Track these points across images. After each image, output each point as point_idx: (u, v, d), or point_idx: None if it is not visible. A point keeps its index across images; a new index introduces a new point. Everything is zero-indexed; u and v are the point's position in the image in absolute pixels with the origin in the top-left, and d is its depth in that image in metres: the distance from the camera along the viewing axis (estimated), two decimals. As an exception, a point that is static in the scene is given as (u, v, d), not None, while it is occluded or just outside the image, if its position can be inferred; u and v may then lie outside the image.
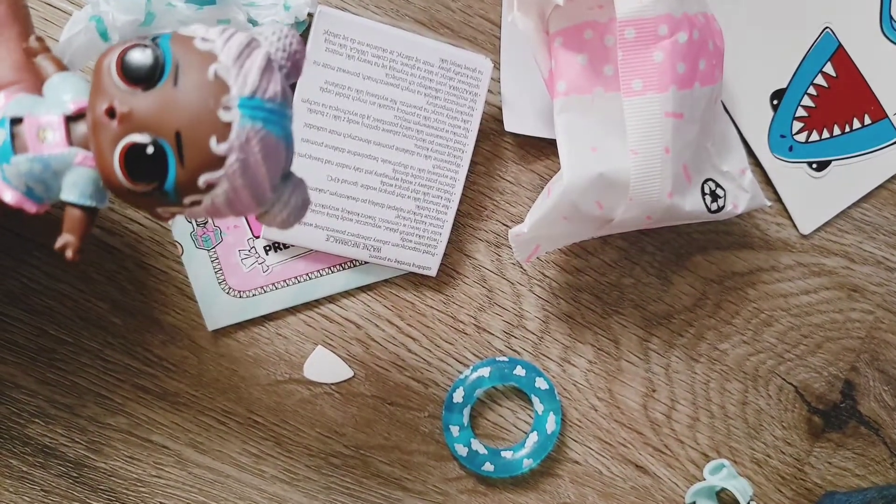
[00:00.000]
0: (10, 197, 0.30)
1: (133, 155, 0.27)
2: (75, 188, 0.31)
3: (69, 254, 0.31)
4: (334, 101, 0.42)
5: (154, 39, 0.27)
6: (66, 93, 0.30)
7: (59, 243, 0.31)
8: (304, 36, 0.41)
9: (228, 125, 0.26)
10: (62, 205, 0.30)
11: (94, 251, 0.44)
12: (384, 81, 0.42)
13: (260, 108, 0.27)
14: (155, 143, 0.27)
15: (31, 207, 0.31)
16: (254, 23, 0.40)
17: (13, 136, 0.29)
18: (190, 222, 0.43)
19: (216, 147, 0.27)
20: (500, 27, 0.46)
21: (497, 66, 0.46)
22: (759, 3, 0.48)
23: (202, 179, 0.27)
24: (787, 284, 0.49)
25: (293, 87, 0.31)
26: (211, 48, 0.27)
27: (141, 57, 0.27)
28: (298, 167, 0.41)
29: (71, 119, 0.29)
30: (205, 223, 0.43)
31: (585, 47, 0.41)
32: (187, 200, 0.28)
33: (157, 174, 0.28)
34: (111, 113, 0.27)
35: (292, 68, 0.30)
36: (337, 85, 0.42)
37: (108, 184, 0.28)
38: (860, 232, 0.50)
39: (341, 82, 0.42)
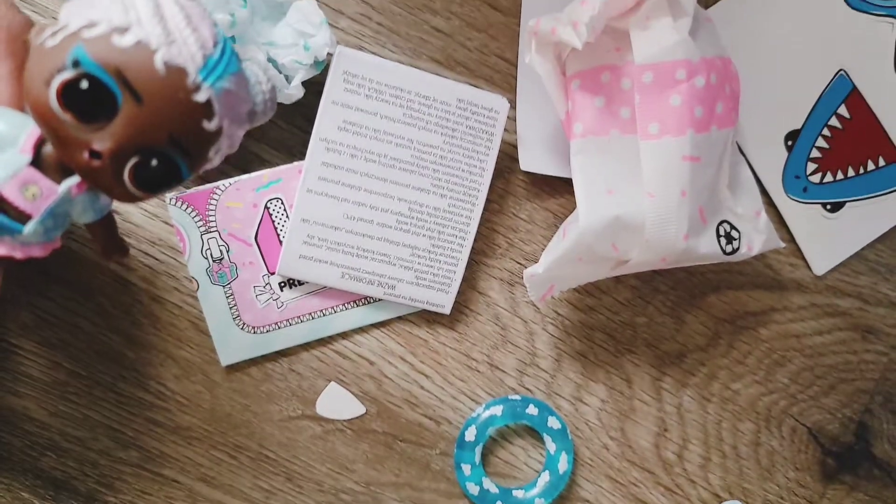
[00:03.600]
0: (21, 253, 0.30)
1: (142, 173, 0.28)
2: (88, 213, 0.32)
3: (124, 257, 0.36)
4: (352, 140, 0.42)
5: (75, 64, 0.26)
6: (8, 143, 0.29)
7: (111, 261, 0.37)
8: (323, 77, 0.42)
9: (207, 100, 0.27)
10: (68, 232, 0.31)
11: (109, 285, 0.44)
12: (401, 121, 0.42)
13: (218, 64, 0.28)
14: (158, 155, 0.28)
15: (43, 251, 0.31)
16: (273, 63, 0.40)
17: (3, 210, 0.29)
18: (205, 258, 0.43)
19: (210, 126, 0.28)
20: (516, 66, 0.47)
21: (513, 105, 0.46)
22: (774, 46, 0.48)
23: (211, 154, 0.29)
24: (800, 325, 0.49)
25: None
26: (134, 39, 0.26)
27: (84, 94, 0.26)
28: (315, 205, 0.41)
29: (32, 161, 0.29)
30: (220, 260, 0.43)
31: (602, 90, 0.41)
32: (202, 169, 0.30)
33: (169, 180, 0.29)
34: (95, 154, 0.27)
35: (263, 114, 0.32)
36: (355, 124, 0.42)
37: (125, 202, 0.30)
38: (874, 273, 0.49)
39: (359, 121, 0.42)
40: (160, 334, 0.45)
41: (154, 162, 0.28)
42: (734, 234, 0.43)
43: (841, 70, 0.48)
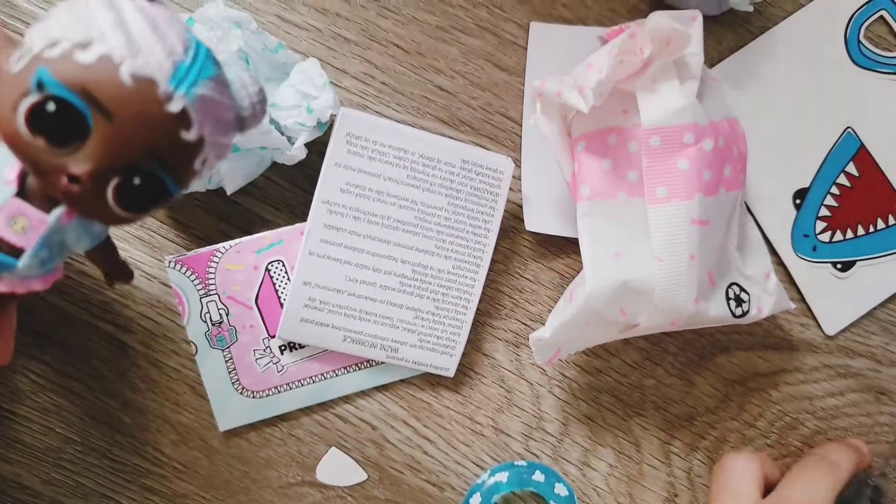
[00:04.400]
0: (22, 288, 0.30)
1: (126, 193, 0.27)
2: (83, 240, 0.31)
3: (128, 281, 0.36)
4: (355, 201, 0.41)
5: (39, 87, 0.25)
6: None
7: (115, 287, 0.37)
8: (326, 137, 0.41)
9: (182, 109, 0.26)
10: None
11: (104, 347, 0.44)
12: (405, 182, 0.42)
13: (189, 70, 0.27)
14: (140, 173, 0.27)
15: (44, 284, 0.31)
16: (276, 124, 0.40)
17: None
18: (204, 322, 0.42)
19: (189, 136, 0.26)
20: (520, 125, 0.46)
21: (518, 164, 0.46)
22: (780, 103, 0.48)
23: (197, 165, 0.28)
24: (812, 386, 0.48)
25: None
26: (97, 54, 0.25)
27: (52, 117, 0.25)
28: (317, 268, 0.41)
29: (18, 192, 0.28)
30: (220, 323, 0.42)
31: (609, 152, 0.40)
32: (193, 183, 0.29)
33: (155, 198, 0.28)
34: (74, 179, 0.26)
35: (253, 118, 0.31)
36: (358, 186, 0.41)
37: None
38: (887, 333, 0.49)
39: (362, 183, 0.41)
40: (157, 398, 0.44)
41: (136, 180, 0.26)
42: (744, 296, 0.43)
43: (848, 128, 0.48)
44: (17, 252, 0.28)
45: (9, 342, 0.32)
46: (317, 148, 0.42)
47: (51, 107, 0.25)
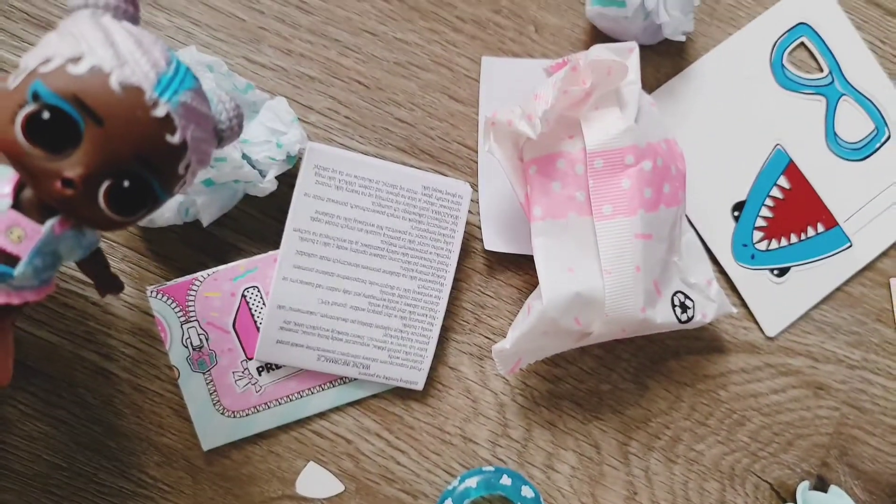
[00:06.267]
0: (17, 299, 0.31)
1: (116, 195, 0.29)
2: (76, 251, 0.33)
3: (119, 292, 0.38)
4: (324, 229, 0.44)
5: (35, 98, 0.27)
6: None
7: (106, 297, 0.38)
8: (296, 170, 0.44)
9: (167, 115, 0.29)
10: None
11: (89, 376, 0.46)
12: (371, 209, 0.45)
13: (172, 80, 0.29)
14: (129, 176, 0.29)
15: (38, 295, 0.32)
16: (248, 159, 0.43)
17: None
18: (186, 347, 0.45)
19: (173, 139, 0.29)
20: (476, 151, 0.49)
21: (475, 188, 0.49)
22: (716, 124, 0.52)
23: (181, 170, 0.30)
24: (756, 385, 0.52)
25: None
26: (88, 66, 0.28)
27: (47, 124, 0.27)
28: (291, 292, 0.43)
29: (13, 205, 0.30)
30: (200, 348, 0.45)
31: (558, 175, 0.43)
32: (178, 188, 0.31)
33: (144, 199, 0.30)
34: (68, 183, 0.28)
35: (231, 132, 0.34)
36: (327, 214, 0.44)
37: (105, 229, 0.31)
38: (821, 332, 0.52)
39: (331, 211, 0.44)
40: (142, 422, 0.46)
41: (126, 183, 0.29)
42: (688, 303, 0.46)
43: (778, 144, 0.52)
44: (12, 261, 0.30)
45: (7, 362, 0.34)
46: (286, 180, 0.45)
47: (45, 115, 0.27)
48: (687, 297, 0.46)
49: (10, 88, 0.28)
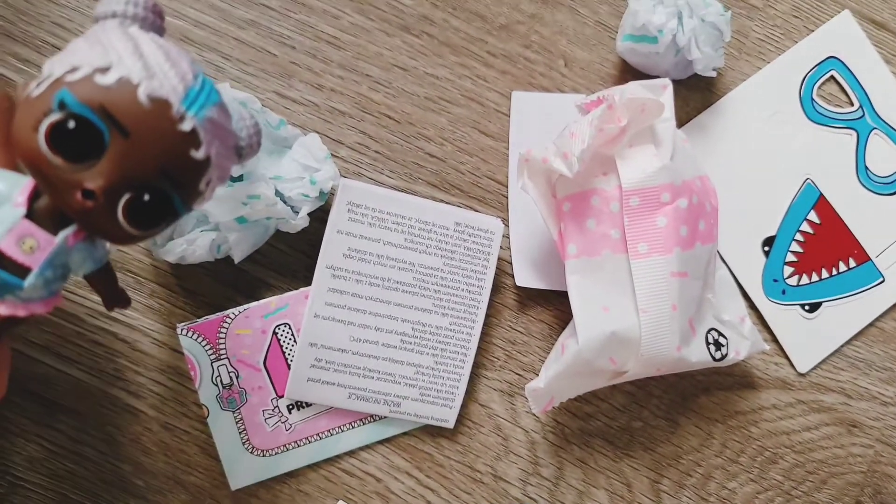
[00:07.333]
0: (24, 311, 0.30)
1: (136, 208, 0.28)
2: (87, 263, 0.32)
3: (126, 307, 0.37)
4: (357, 266, 0.44)
5: (61, 106, 0.27)
6: (3, 200, 0.29)
7: (113, 311, 0.37)
8: (326, 204, 0.44)
9: (192, 129, 0.28)
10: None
11: (117, 413, 0.45)
12: (403, 246, 0.44)
13: (199, 94, 0.29)
14: (150, 189, 0.28)
15: (45, 307, 0.31)
16: (281, 196, 0.42)
17: (3, 265, 0.29)
18: (216, 385, 0.44)
19: (198, 155, 0.29)
20: (506, 186, 0.49)
21: (506, 223, 0.48)
22: (745, 159, 0.51)
23: (202, 186, 0.30)
24: (788, 422, 0.51)
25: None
26: (116, 76, 0.27)
27: (72, 134, 0.27)
28: (322, 329, 0.43)
29: (27, 214, 0.29)
30: (230, 386, 0.44)
31: (592, 212, 0.43)
32: (196, 204, 0.31)
33: (163, 214, 0.30)
34: (88, 194, 0.27)
35: (250, 149, 0.33)
36: (359, 251, 0.44)
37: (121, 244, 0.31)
38: (854, 369, 0.52)
39: (363, 248, 0.44)
40: (169, 461, 0.45)
41: (146, 196, 0.28)
42: (722, 340, 0.46)
43: (808, 178, 0.52)
44: (23, 272, 0.29)
45: (2, 376, 0.33)
46: (316, 214, 0.45)
47: (71, 124, 0.27)
48: (721, 334, 0.46)
49: (34, 96, 0.28)
